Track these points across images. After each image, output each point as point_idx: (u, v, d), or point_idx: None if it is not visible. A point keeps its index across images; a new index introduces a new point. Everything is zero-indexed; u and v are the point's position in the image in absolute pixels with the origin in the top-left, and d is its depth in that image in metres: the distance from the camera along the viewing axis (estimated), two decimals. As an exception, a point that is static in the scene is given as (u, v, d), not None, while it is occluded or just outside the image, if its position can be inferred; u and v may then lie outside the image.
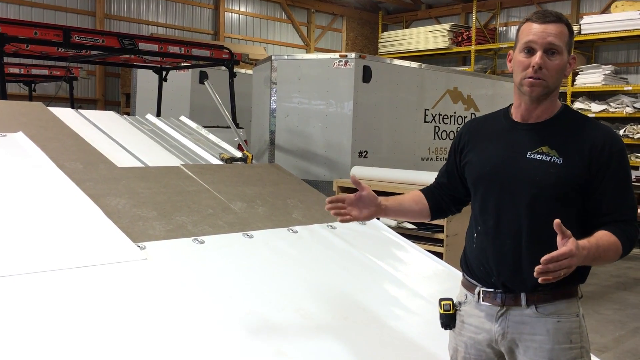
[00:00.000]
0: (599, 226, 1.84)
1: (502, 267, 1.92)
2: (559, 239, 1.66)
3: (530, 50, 1.87)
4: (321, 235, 3.49)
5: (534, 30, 1.87)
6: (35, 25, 5.43)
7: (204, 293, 2.62)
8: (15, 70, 8.84)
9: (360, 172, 6.07)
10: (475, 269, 2.01)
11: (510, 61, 1.98)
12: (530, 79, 1.87)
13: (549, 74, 1.87)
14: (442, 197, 2.19)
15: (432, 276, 3.43)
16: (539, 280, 1.64)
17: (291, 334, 2.49)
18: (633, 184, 7.09)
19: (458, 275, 2.13)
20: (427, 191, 2.23)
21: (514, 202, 1.89)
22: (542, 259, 1.62)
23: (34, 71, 9.03)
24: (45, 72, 9.11)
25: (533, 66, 1.85)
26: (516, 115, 2.00)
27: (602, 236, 1.79)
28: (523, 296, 1.91)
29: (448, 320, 2.07)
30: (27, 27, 5.25)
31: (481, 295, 1.98)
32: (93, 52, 6.28)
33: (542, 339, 1.88)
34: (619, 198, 1.86)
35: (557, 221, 1.63)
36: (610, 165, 1.85)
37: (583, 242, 1.71)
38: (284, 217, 3.63)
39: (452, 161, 2.17)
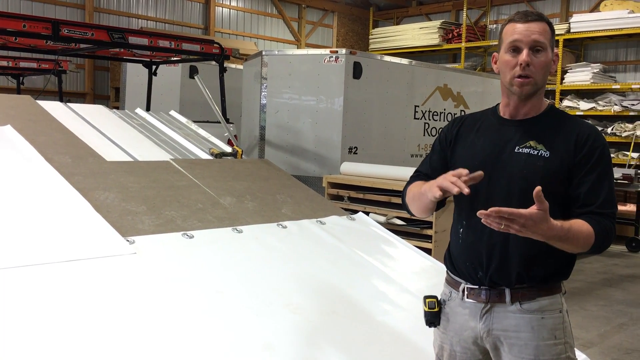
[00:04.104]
0: (577, 217, 1.87)
1: (490, 261, 1.94)
2: (534, 205, 1.68)
3: (516, 49, 1.91)
4: (310, 231, 3.50)
5: (519, 30, 1.91)
6: (24, 17, 5.38)
7: (193, 287, 2.62)
8: (3, 63, 8.76)
9: (349, 168, 6.09)
10: (460, 265, 2.03)
11: (495, 62, 2.01)
12: (519, 79, 1.90)
13: (535, 71, 1.90)
14: None
15: (420, 272, 3.45)
16: (482, 220, 1.69)
17: (279, 328, 2.50)
18: (620, 181, 7.18)
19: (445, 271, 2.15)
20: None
21: (503, 195, 1.91)
22: (490, 209, 1.66)
23: (22, 64, 8.95)
24: (34, 65, 9.04)
25: (521, 64, 1.89)
26: (504, 113, 2.03)
27: (577, 223, 1.83)
28: (507, 293, 1.93)
29: (432, 317, 2.07)
30: (15, 20, 5.20)
31: (466, 292, 2.00)
32: (82, 46, 6.24)
33: (527, 336, 1.91)
34: (598, 191, 1.89)
35: (537, 189, 1.66)
36: (591, 158, 1.89)
37: (556, 223, 1.74)
38: (273, 212, 3.63)
39: (440, 153, 2.14)
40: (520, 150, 1.93)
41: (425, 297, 2.09)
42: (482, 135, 2.03)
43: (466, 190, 1.72)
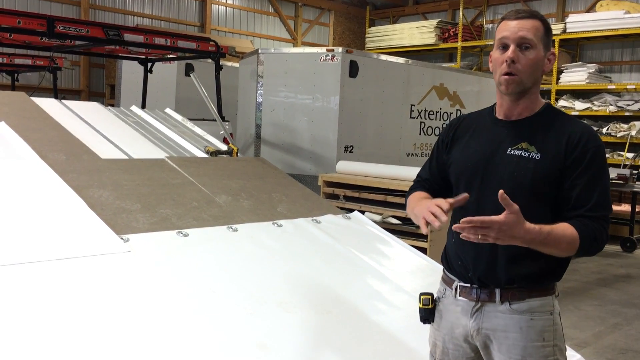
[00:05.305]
0: (566, 220, 1.84)
1: (478, 261, 1.94)
2: (505, 211, 1.68)
3: (505, 47, 1.91)
4: (306, 230, 3.49)
5: (508, 27, 1.91)
6: (19, 14, 5.35)
7: (188, 286, 2.61)
8: (-2, 60, 8.72)
9: (345, 166, 6.08)
10: (453, 263, 2.04)
11: (491, 61, 2.00)
12: (505, 76, 1.89)
13: (522, 69, 1.88)
14: (437, 194, 2.16)
15: (416, 271, 3.45)
16: (460, 236, 1.69)
17: (274, 327, 2.50)
18: (615, 181, 7.17)
19: (441, 270, 2.15)
20: (426, 190, 2.17)
21: (493, 197, 1.90)
22: (462, 220, 1.67)
23: (17, 61, 8.90)
24: (29, 61, 8.98)
25: (506, 60, 1.88)
26: (499, 113, 2.02)
27: (560, 226, 1.80)
28: (497, 292, 1.93)
29: (426, 314, 2.08)
30: (10, 16, 5.17)
31: (458, 290, 2.01)
32: (77, 43, 6.21)
33: (515, 336, 1.90)
34: (589, 194, 1.85)
35: (501, 192, 1.65)
36: (583, 161, 1.86)
37: (533, 226, 1.72)
38: (268, 210, 3.62)
39: (437, 157, 2.17)
40: (512, 152, 1.92)
41: (421, 294, 2.10)
42: (476, 137, 2.03)
43: (444, 219, 1.76)
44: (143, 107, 6.93)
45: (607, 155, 10.49)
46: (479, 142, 2.01)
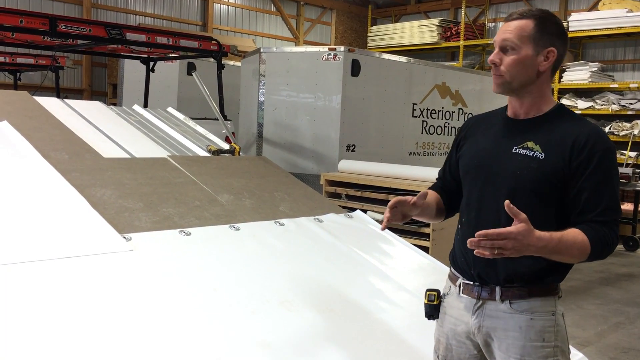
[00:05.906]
0: (575, 225, 1.82)
1: (478, 258, 1.93)
2: (515, 221, 1.67)
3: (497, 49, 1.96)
4: (308, 228, 3.49)
5: (500, 29, 1.97)
6: (21, 13, 5.36)
7: (190, 285, 2.62)
8: (0, 59, 8.73)
9: (347, 165, 6.08)
10: (458, 260, 2.05)
11: None
12: (493, 76, 1.95)
13: (505, 70, 1.91)
14: (452, 195, 2.18)
15: (418, 270, 3.45)
16: (474, 252, 1.68)
17: (276, 325, 2.50)
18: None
19: (443, 269, 2.16)
20: (438, 190, 2.21)
21: (495, 194, 1.92)
22: (477, 233, 1.65)
23: (20, 60, 8.91)
24: (31, 61, 8.99)
25: (490, 64, 1.95)
26: (509, 111, 2.04)
27: (570, 232, 1.78)
28: (498, 290, 1.93)
29: (431, 310, 2.10)
30: (12, 15, 5.19)
31: (461, 288, 2.02)
32: (80, 42, 6.22)
33: (515, 335, 1.90)
34: (598, 198, 1.83)
35: (507, 202, 1.65)
36: (590, 164, 1.84)
37: (544, 233, 1.71)
38: (270, 209, 3.63)
39: (450, 158, 2.21)
40: (517, 150, 1.92)
41: (427, 290, 2.12)
42: (485, 135, 2.05)
43: (387, 215, 1.96)
44: (145, 106, 6.93)
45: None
46: (487, 140, 2.03)
